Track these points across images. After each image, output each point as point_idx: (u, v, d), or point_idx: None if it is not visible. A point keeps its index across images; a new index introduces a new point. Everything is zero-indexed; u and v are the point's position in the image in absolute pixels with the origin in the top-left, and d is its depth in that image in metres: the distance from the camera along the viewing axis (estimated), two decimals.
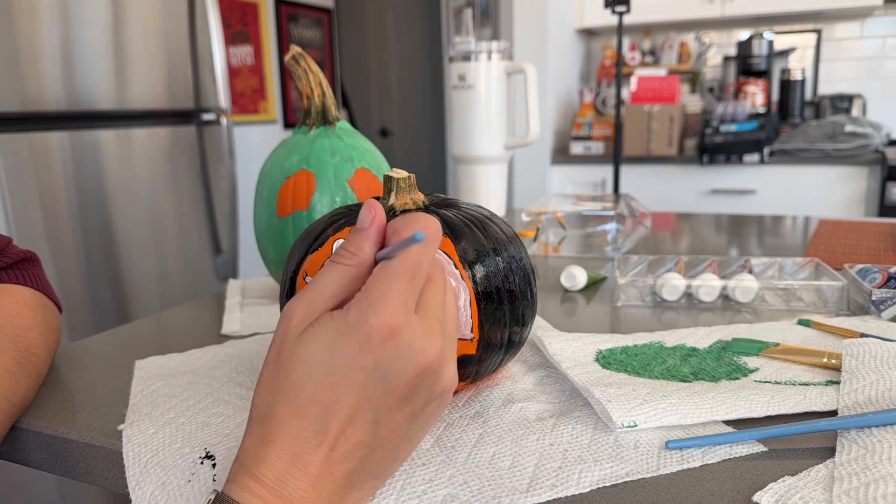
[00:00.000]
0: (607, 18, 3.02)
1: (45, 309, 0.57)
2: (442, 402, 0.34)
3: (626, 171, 2.82)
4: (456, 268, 0.43)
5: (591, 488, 0.36)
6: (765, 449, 0.40)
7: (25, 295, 0.56)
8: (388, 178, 0.47)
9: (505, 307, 0.45)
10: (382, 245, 0.34)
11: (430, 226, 0.33)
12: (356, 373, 0.31)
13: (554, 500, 0.36)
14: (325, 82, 0.71)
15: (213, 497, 0.31)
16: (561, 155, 2.97)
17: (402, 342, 0.31)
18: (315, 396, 0.31)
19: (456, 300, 0.35)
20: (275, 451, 0.31)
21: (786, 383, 0.47)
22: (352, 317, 0.31)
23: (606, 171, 2.86)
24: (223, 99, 1.81)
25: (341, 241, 0.44)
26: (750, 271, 0.74)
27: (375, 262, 0.34)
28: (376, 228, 0.34)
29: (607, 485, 0.37)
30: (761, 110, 2.84)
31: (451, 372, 0.33)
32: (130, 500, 0.40)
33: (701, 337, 0.58)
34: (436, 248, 0.33)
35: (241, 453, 0.32)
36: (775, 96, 2.96)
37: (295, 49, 0.69)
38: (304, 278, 0.45)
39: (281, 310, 0.48)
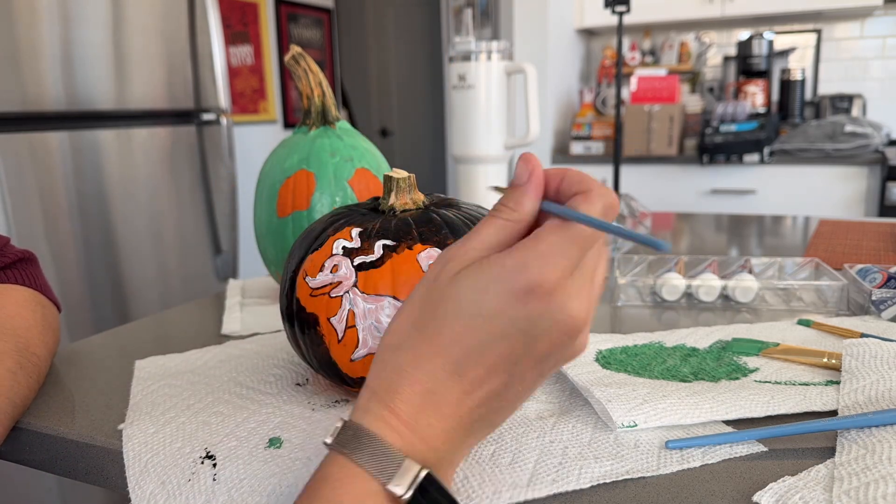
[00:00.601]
0: (607, 18, 3.02)
1: (43, 308, 0.57)
2: (565, 363, 0.33)
3: (626, 171, 2.82)
4: None
5: (591, 484, 0.36)
6: (765, 449, 0.40)
7: (24, 295, 0.56)
8: (388, 178, 0.47)
9: None
10: (545, 198, 0.33)
11: (615, 204, 0.32)
12: (506, 321, 0.30)
13: (554, 495, 0.36)
14: (325, 82, 0.71)
15: (340, 424, 0.31)
16: (561, 155, 2.97)
17: (557, 301, 0.30)
18: (460, 337, 0.30)
19: (605, 266, 0.34)
20: (410, 384, 0.31)
21: (786, 383, 0.47)
22: (511, 262, 0.30)
23: (606, 171, 2.86)
24: (223, 99, 1.81)
25: (342, 241, 0.44)
26: (750, 271, 0.74)
27: (540, 214, 0.33)
28: (535, 184, 0.33)
29: (607, 481, 0.37)
30: (761, 110, 2.84)
31: (585, 337, 0.32)
32: (130, 500, 0.40)
33: (701, 337, 0.58)
34: (610, 220, 0.32)
35: (372, 381, 0.32)
36: (775, 96, 2.96)
37: (295, 49, 0.69)
38: (304, 278, 0.45)
39: (281, 309, 0.48)
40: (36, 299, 0.57)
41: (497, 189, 0.34)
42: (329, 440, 0.31)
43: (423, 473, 0.29)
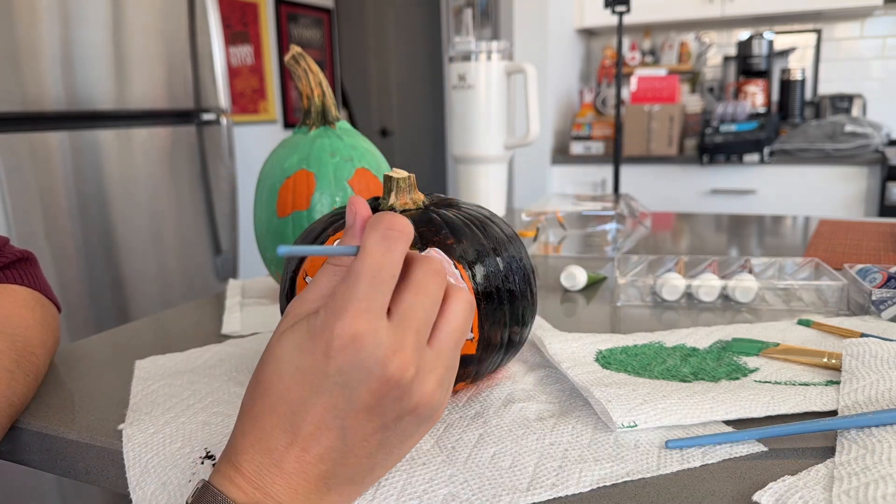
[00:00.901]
0: (607, 18, 3.02)
1: (43, 308, 0.57)
2: (419, 418, 0.32)
3: (626, 171, 2.82)
4: (455, 268, 0.43)
5: (591, 487, 0.36)
6: (765, 449, 0.40)
7: (23, 294, 0.56)
8: (388, 178, 0.47)
9: (505, 307, 0.45)
10: None
11: (395, 226, 0.31)
12: (320, 378, 0.30)
13: (554, 499, 0.36)
14: (325, 82, 0.71)
15: (200, 485, 0.32)
16: (561, 155, 2.97)
17: (363, 350, 0.29)
18: (284, 395, 0.31)
19: (465, 310, 0.33)
20: (251, 444, 0.31)
21: (786, 383, 0.47)
22: (318, 321, 0.30)
23: (606, 171, 2.86)
24: (223, 99, 1.81)
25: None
26: (750, 271, 0.74)
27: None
28: (360, 226, 0.34)
29: (607, 484, 0.37)
30: (761, 110, 2.84)
31: (426, 388, 0.31)
32: (131, 500, 0.40)
33: (701, 337, 0.58)
34: (401, 250, 0.31)
35: (227, 446, 0.33)
36: (775, 96, 2.96)
37: (295, 49, 0.69)
38: (304, 278, 0.45)
39: (281, 310, 0.48)
40: (35, 299, 0.57)
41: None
42: (189, 499, 0.32)
43: None
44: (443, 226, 0.44)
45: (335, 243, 0.44)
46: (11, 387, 0.47)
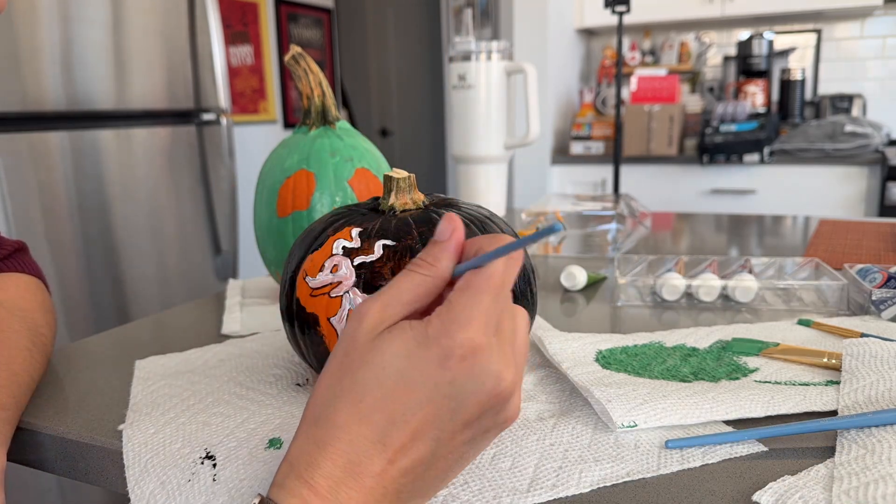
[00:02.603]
0: (607, 18, 3.02)
1: (43, 293, 0.61)
2: (500, 431, 0.32)
3: (626, 171, 2.82)
4: None
5: (591, 488, 0.36)
6: (765, 449, 0.40)
7: (25, 280, 0.59)
8: (388, 178, 0.47)
9: None
10: (459, 261, 0.33)
11: (516, 252, 0.32)
12: (430, 387, 0.29)
13: (554, 499, 0.36)
14: (325, 82, 0.71)
15: (257, 502, 0.29)
16: (561, 155, 2.97)
17: (481, 363, 0.29)
18: (382, 403, 0.29)
19: (527, 329, 0.34)
20: (330, 457, 0.29)
21: (786, 383, 0.47)
22: (433, 329, 0.30)
23: (606, 171, 2.86)
24: (223, 99, 1.81)
25: (342, 241, 0.44)
26: (750, 271, 0.74)
27: (452, 278, 0.33)
28: (455, 242, 0.33)
29: (607, 485, 0.37)
30: (761, 110, 2.84)
31: (517, 402, 0.32)
32: (130, 500, 0.40)
33: (701, 337, 0.58)
34: (517, 275, 0.32)
35: (291, 454, 0.30)
36: (775, 96, 2.96)
37: (295, 49, 0.69)
38: (304, 278, 0.45)
39: (281, 309, 0.48)
40: (36, 284, 0.60)
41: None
42: None
43: None
44: None
45: (335, 244, 0.44)
46: (31, 363, 0.51)
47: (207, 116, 1.83)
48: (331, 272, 0.44)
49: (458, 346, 0.29)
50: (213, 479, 0.39)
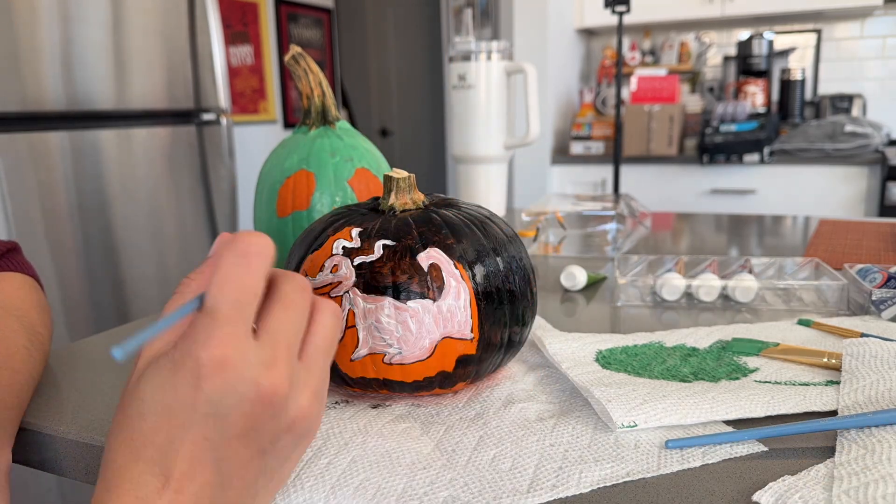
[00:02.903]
0: (607, 18, 3.02)
1: (37, 292, 0.60)
2: (296, 434, 0.31)
3: (626, 171, 2.82)
4: (455, 268, 0.43)
5: (591, 488, 0.36)
6: (765, 449, 0.40)
7: (20, 280, 0.59)
8: (387, 178, 0.47)
9: (505, 307, 0.45)
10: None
11: (252, 244, 0.30)
12: (188, 411, 0.29)
13: (554, 500, 0.36)
14: (325, 82, 0.71)
15: None
16: (561, 155, 2.97)
17: (233, 373, 0.28)
18: (150, 437, 0.29)
19: (333, 321, 0.33)
20: (119, 498, 0.29)
21: (786, 383, 0.47)
22: (179, 353, 0.29)
23: (606, 171, 2.86)
24: (223, 99, 1.81)
25: (342, 241, 0.44)
26: (750, 271, 0.74)
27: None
28: (208, 266, 0.32)
29: (608, 485, 0.37)
30: (761, 110, 2.84)
31: (301, 402, 0.30)
32: None
33: (701, 337, 0.58)
34: (261, 267, 0.30)
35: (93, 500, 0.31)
36: (775, 96, 2.96)
37: (295, 49, 0.69)
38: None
39: None
40: (30, 284, 0.60)
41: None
42: None
43: None
44: (443, 226, 0.44)
45: (335, 244, 0.44)
46: (30, 362, 0.51)
47: (207, 116, 1.83)
48: (331, 272, 0.44)
49: (203, 365, 0.28)
50: None
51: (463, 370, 0.44)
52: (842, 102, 2.87)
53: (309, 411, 0.31)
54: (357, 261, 0.43)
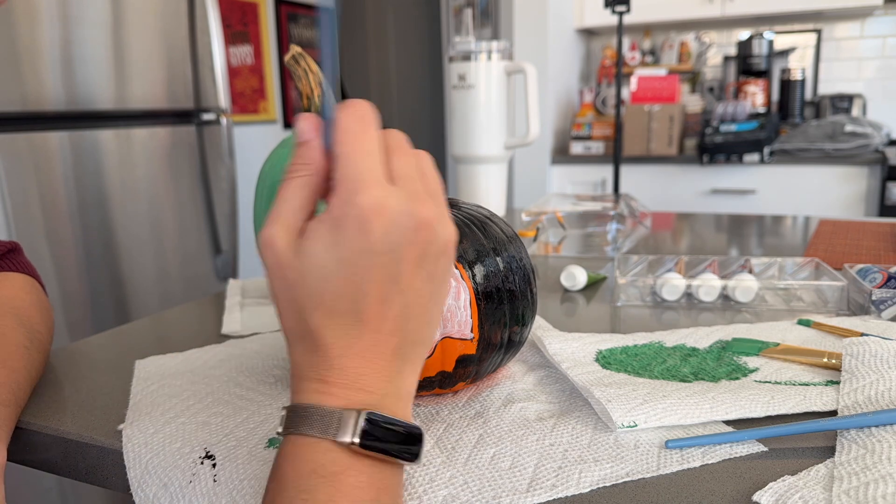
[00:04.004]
0: (607, 18, 3.02)
1: (38, 291, 0.61)
2: (449, 257, 0.34)
3: (626, 171, 2.82)
4: (455, 268, 0.43)
5: (591, 488, 0.36)
6: (765, 449, 0.40)
7: (20, 280, 0.60)
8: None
9: (505, 307, 0.45)
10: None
11: (363, 108, 0.33)
12: (366, 255, 0.31)
13: (554, 500, 0.36)
14: (325, 82, 0.71)
15: (284, 413, 0.32)
16: (561, 155, 2.97)
17: (393, 210, 0.31)
18: (339, 292, 0.32)
19: (431, 163, 0.36)
20: (326, 352, 0.32)
21: (786, 383, 0.47)
22: (337, 209, 0.31)
23: (606, 171, 2.86)
24: (223, 99, 1.81)
25: None
26: (750, 271, 0.74)
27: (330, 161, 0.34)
28: (317, 136, 0.35)
29: (607, 485, 0.37)
30: (761, 110, 2.84)
31: (448, 228, 0.34)
32: (130, 501, 0.40)
33: (701, 337, 0.58)
34: (367, 117, 0.33)
35: (294, 369, 0.33)
36: (775, 96, 2.96)
37: (295, 49, 0.69)
38: None
39: None
40: (31, 283, 0.60)
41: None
42: (279, 429, 0.32)
43: (363, 416, 0.31)
44: None
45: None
46: (29, 360, 0.51)
47: (207, 116, 1.83)
48: None
49: (365, 209, 0.31)
50: (214, 480, 0.39)
51: (463, 370, 0.44)
52: (842, 102, 2.87)
53: (452, 233, 0.34)
54: None
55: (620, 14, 1.90)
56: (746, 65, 2.89)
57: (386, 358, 0.33)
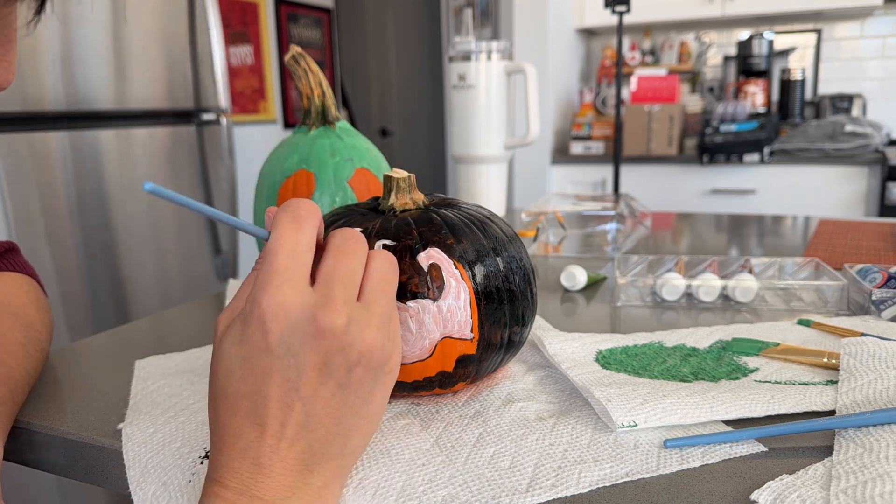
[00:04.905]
0: (607, 18, 3.02)
1: (36, 291, 0.61)
2: (370, 368, 0.33)
3: (626, 171, 2.82)
4: (455, 268, 0.43)
5: (590, 488, 0.36)
6: (764, 448, 0.40)
7: (17, 279, 0.60)
8: (387, 178, 0.47)
9: (505, 307, 0.45)
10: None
11: (302, 207, 0.33)
12: (265, 356, 0.31)
13: (553, 500, 0.36)
14: (325, 82, 0.71)
15: None
16: (561, 155, 2.97)
17: (294, 315, 0.31)
18: (241, 391, 0.32)
19: (386, 263, 0.35)
20: (227, 454, 0.32)
21: (786, 383, 0.47)
22: (247, 308, 0.32)
23: (606, 171, 2.86)
24: (223, 99, 1.81)
25: None
26: (750, 271, 0.74)
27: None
28: (271, 218, 0.36)
29: (607, 485, 0.37)
30: (761, 110, 2.84)
31: (365, 336, 0.32)
32: (130, 500, 0.40)
33: (701, 337, 0.58)
34: (312, 225, 0.33)
35: (208, 470, 0.33)
36: (775, 96, 2.96)
37: (295, 49, 0.69)
38: None
39: None
40: (28, 283, 0.60)
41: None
42: None
43: None
44: (443, 226, 0.44)
45: None
46: (27, 359, 0.51)
47: (207, 116, 1.83)
48: None
49: (265, 310, 0.31)
50: None
51: (463, 370, 0.45)
52: (842, 102, 2.87)
53: (374, 345, 0.33)
54: None
55: (620, 14, 1.90)
56: (746, 65, 2.89)
57: (288, 466, 0.32)
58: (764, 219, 1.24)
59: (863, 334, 0.56)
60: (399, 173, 0.47)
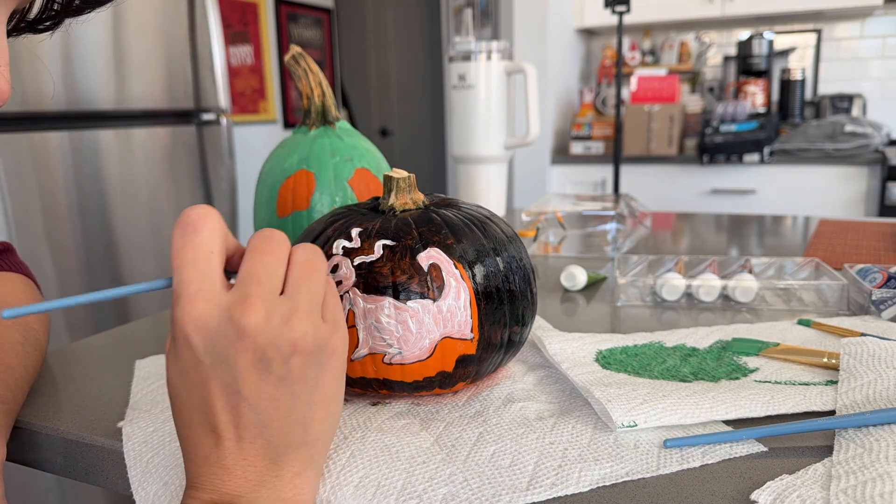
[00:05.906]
0: (607, 18, 3.02)
1: (32, 290, 0.61)
2: (308, 354, 0.33)
3: (626, 171, 2.82)
4: (455, 268, 0.43)
5: (590, 487, 0.36)
6: (764, 448, 0.40)
7: (13, 278, 0.60)
8: (388, 178, 0.47)
9: (505, 307, 0.45)
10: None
11: (190, 216, 0.33)
12: (198, 369, 0.32)
13: (554, 498, 0.36)
14: (325, 82, 0.71)
15: None
16: (561, 155, 2.97)
17: (213, 323, 0.31)
18: (189, 404, 0.33)
19: (306, 252, 0.35)
20: (194, 462, 0.33)
21: (786, 383, 0.48)
22: (171, 326, 0.33)
23: (606, 171, 2.86)
24: (223, 99, 1.81)
25: (342, 241, 0.44)
26: (750, 271, 0.74)
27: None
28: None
29: (607, 484, 0.37)
30: (761, 110, 2.84)
31: (294, 325, 0.32)
32: (131, 500, 0.40)
33: (701, 337, 0.58)
34: (206, 230, 0.33)
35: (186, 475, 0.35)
36: (775, 96, 2.96)
37: (295, 49, 0.69)
38: None
39: None
40: (24, 282, 0.61)
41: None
42: None
43: None
44: (443, 226, 0.44)
45: (335, 244, 0.44)
46: (25, 357, 0.51)
47: (207, 116, 1.83)
48: (331, 272, 0.44)
49: (185, 324, 0.31)
50: None
51: (463, 370, 0.45)
52: (842, 102, 2.87)
53: (304, 332, 0.33)
54: (357, 261, 0.43)
55: (620, 14, 1.90)
56: (746, 65, 2.89)
57: (251, 463, 0.33)
58: (764, 219, 1.24)
59: (863, 334, 0.56)
60: (399, 173, 0.47)
